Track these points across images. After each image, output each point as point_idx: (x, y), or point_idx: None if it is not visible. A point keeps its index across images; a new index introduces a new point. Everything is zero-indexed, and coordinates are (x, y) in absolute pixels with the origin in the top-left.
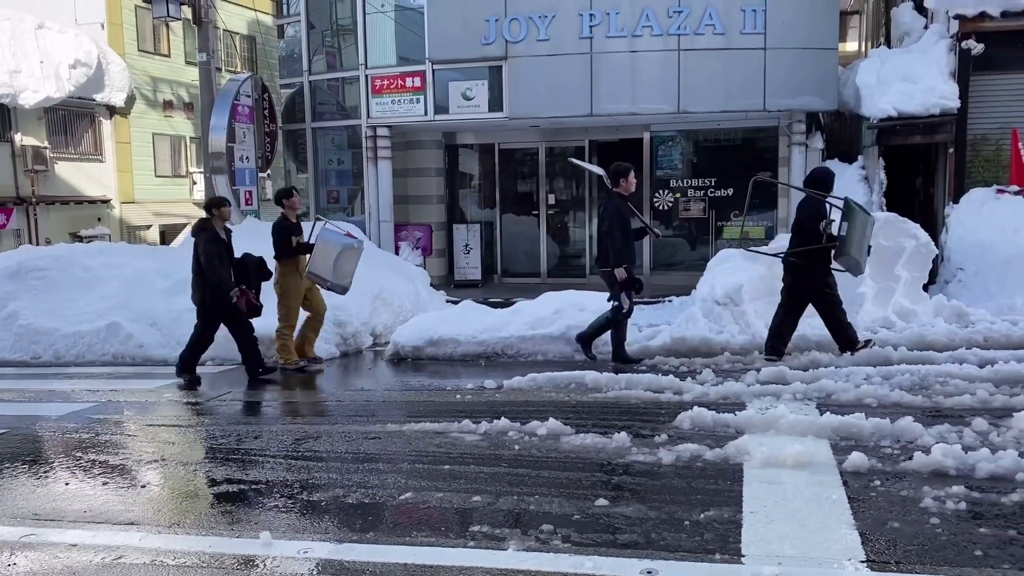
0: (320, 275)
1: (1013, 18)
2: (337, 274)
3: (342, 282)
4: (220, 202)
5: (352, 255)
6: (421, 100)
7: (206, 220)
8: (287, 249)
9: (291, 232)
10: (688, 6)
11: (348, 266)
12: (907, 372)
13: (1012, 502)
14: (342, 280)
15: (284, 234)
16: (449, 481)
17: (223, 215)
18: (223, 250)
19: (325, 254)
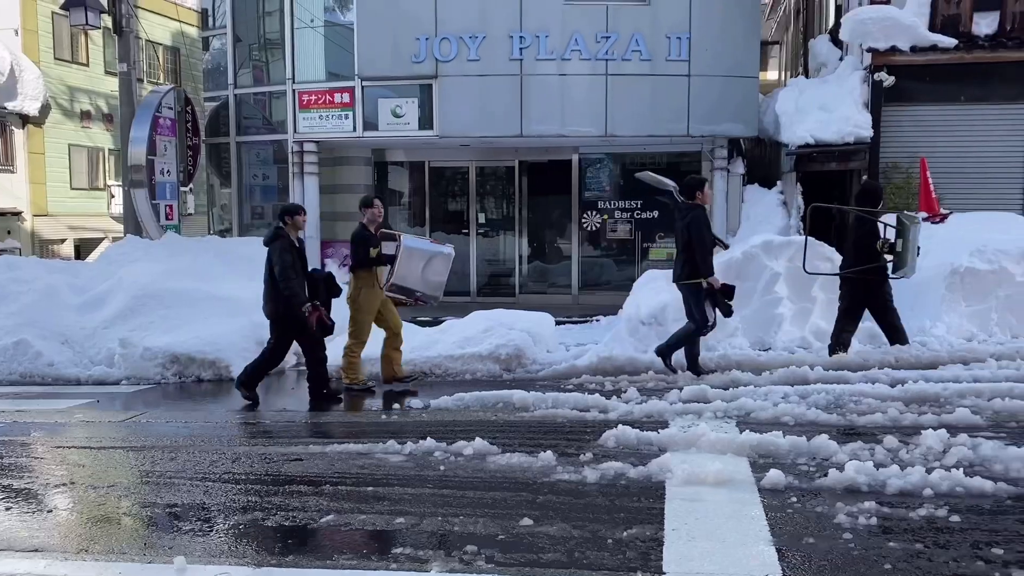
0: (408, 287)
1: (921, 53)
2: (428, 284)
3: (434, 292)
4: (295, 209)
5: (442, 263)
6: (350, 116)
7: (280, 228)
8: (366, 260)
9: (370, 243)
10: (616, 32)
11: (439, 275)
12: (823, 391)
13: (919, 517)
14: (434, 290)
15: (364, 244)
16: (372, 503)
17: (297, 223)
18: (297, 260)
19: (412, 264)
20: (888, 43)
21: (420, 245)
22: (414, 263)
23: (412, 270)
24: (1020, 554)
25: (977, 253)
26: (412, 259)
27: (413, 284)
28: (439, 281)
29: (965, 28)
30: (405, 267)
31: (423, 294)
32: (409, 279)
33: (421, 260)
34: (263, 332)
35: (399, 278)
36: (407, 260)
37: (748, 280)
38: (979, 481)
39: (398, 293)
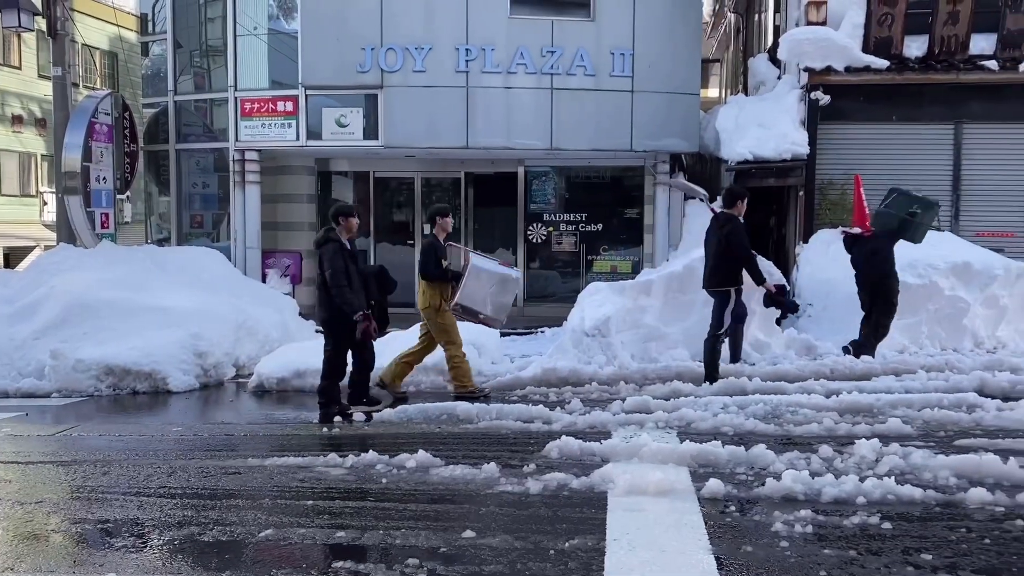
0: (473, 307)
1: (855, 73)
2: (494, 306)
3: (499, 315)
4: (349, 211)
5: (510, 286)
6: (293, 125)
7: (331, 230)
8: (435, 271)
9: (439, 252)
10: (561, 47)
11: (505, 298)
12: (761, 402)
13: (853, 524)
14: (499, 313)
15: (434, 254)
16: (312, 517)
17: (350, 226)
18: (350, 264)
19: (479, 285)
20: (824, 63)
21: (488, 266)
22: (482, 283)
23: (479, 290)
24: (948, 559)
25: (909, 268)
26: (480, 279)
27: (479, 305)
28: (505, 303)
29: (897, 50)
30: (472, 286)
31: (487, 316)
32: (475, 299)
33: (488, 281)
34: (202, 343)
35: (465, 298)
36: (475, 279)
37: (689, 293)
38: (909, 489)
39: (463, 313)
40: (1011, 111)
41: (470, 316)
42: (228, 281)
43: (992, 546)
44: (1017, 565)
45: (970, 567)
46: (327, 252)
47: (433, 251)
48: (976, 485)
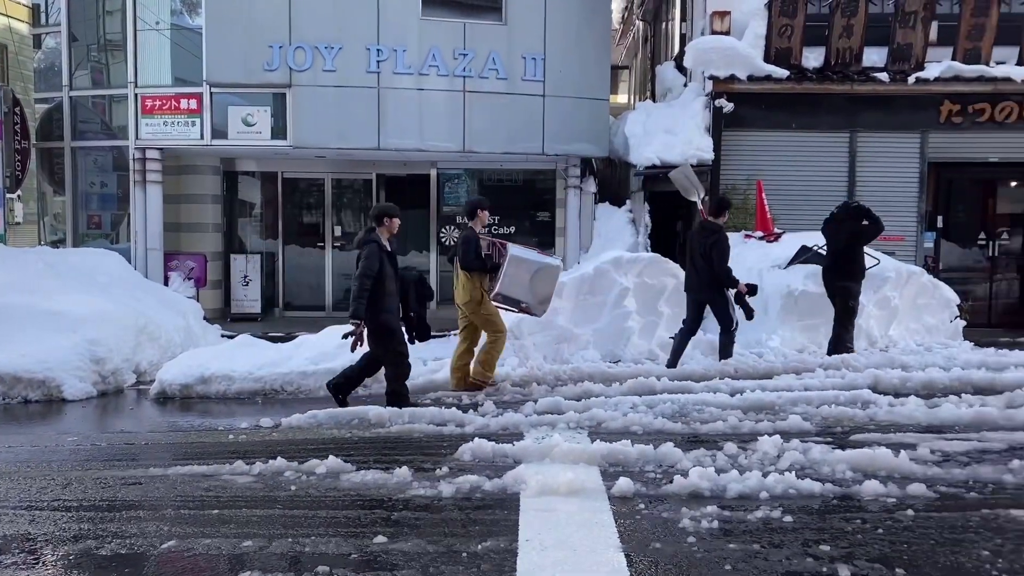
0: (515, 297)
1: (757, 82)
2: (535, 295)
3: (542, 304)
4: (393, 212)
5: (550, 274)
6: (197, 123)
7: (371, 231)
8: (476, 262)
9: (479, 245)
10: (473, 49)
11: (546, 288)
12: (669, 401)
13: (756, 519)
14: (542, 302)
15: (475, 245)
16: (218, 526)
17: (393, 227)
18: (389, 266)
19: (519, 274)
20: (728, 71)
21: (527, 255)
22: (521, 272)
23: (519, 280)
24: (844, 550)
25: (812, 277)
26: (519, 268)
27: (520, 295)
28: (547, 293)
29: (796, 61)
30: (512, 276)
31: (529, 305)
32: (516, 289)
33: (528, 270)
34: (99, 349)
35: (506, 287)
36: (514, 269)
37: (599, 295)
38: (809, 483)
39: (503, 303)
40: (901, 121)
41: (511, 306)
42: (128, 284)
43: (885, 536)
44: (907, 553)
45: (865, 556)
46: (366, 252)
47: (473, 243)
48: (870, 478)
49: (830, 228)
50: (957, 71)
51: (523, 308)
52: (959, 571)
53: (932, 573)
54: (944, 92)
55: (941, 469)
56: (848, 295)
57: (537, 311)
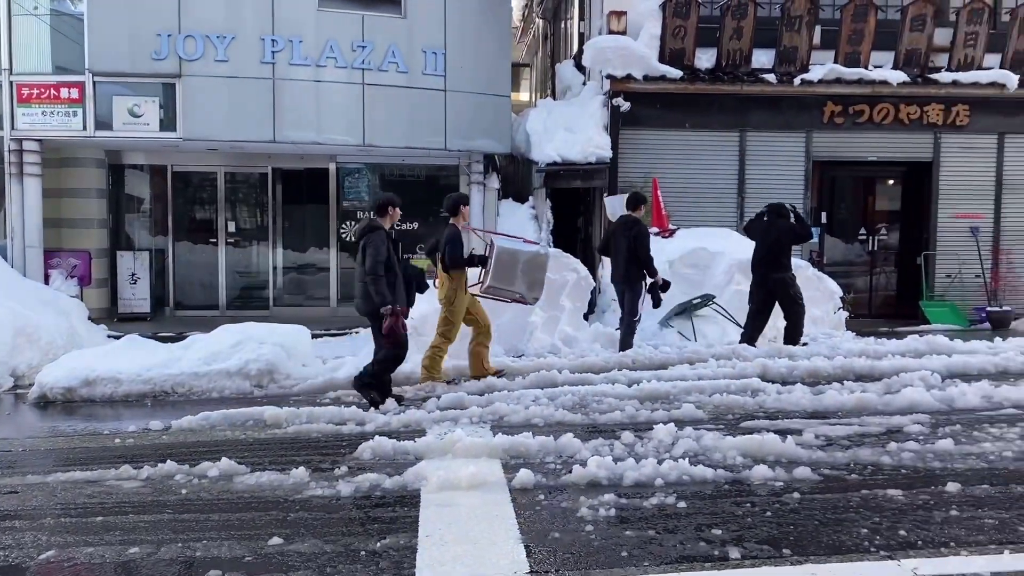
0: (505, 287)
1: (652, 82)
2: (527, 284)
3: (534, 292)
4: (396, 202)
5: (539, 263)
6: (79, 114)
7: (374, 220)
8: (462, 259)
9: (462, 241)
10: (372, 42)
11: (537, 275)
12: (569, 393)
13: (652, 505)
14: (534, 290)
15: (460, 243)
16: (102, 534)
17: (394, 217)
18: (393, 255)
19: (508, 264)
20: (625, 71)
21: (514, 245)
22: (510, 263)
23: (509, 270)
24: (735, 533)
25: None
26: (508, 259)
27: (511, 284)
28: (538, 279)
29: (689, 61)
30: (502, 267)
31: (522, 294)
32: (507, 280)
33: (517, 260)
34: None
35: (496, 279)
36: (502, 260)
37: None
38: (702, 469)
39: (495, 295)
40: (787, 121)
41: (504, 296)
42: (3, 283)
43: (773, 518)
44: (794, 534)
45: (754, 539)
46: (372, 240)
47: (458, 239)
48: (759, 463)
49: (759, 226)
50: (839, 74)
51: (517, 298)
52: (841, 549)
53: (816, 552)
54: (827, 94)
55: (825, 453)
56: (787, 286)
57: (529, 299)
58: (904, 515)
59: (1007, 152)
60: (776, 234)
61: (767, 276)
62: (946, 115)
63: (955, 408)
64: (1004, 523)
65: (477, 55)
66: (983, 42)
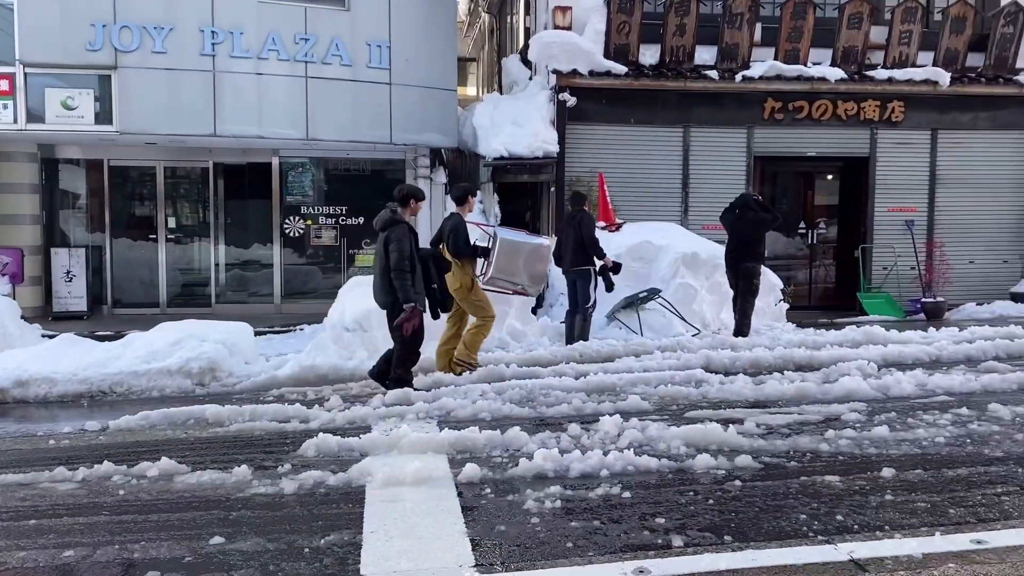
0: (509, 279)
1: (598, 77)
2: (529, 276)
3: (537, 284)
4: (420, 194)
5: (541, 255)
6: (10, 106)
7: (394, 211)
8: (467, 248)
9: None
10: (315, 34)
11: (539, 267)
12: (517, 387)
13: (597, 496)
14: (537, 283)
15: (464, 232)
16: (35, 537)
17: (416, 209)
18: (415, 249)
19: (511, 256)
20: (570, 66)
21: (516, 237)
22: (512, 255)
23: (511, 262)
24: (678, 521)
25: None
26: (510, 251)
27: (514, 276)
28: (540, 272)
29: (634, 57)
30: (504, 259)
31: (524, 286)
32: (509, 271)
33: (519, 252)
34: None
35: (499, 271)
36: (505, 252)
37: None
38: (646, 459)
39: (497, 286)
40: (728, 117)
41: (505, 288)
42: None
43: (715, 506)
44: (735, 521)
45: (697, 526)
46: (395, 233)
47: (463, 229)
48: (702, 452)
49: (730, 218)
50: (779, 70)
51: (518, 290)
52: (781, 534)
53: (757, 538)
54: (767, 90)
55: (765, 441)
56: (753, 275)
57: (531, 291)
58: (841, 500)
59: (940, 147)
60: (747, 225)
61: (739, 263)
62: (882, 111)
63: (890, 396)
64: (936, 506)
65: (422, 48)
66: (917, 40)
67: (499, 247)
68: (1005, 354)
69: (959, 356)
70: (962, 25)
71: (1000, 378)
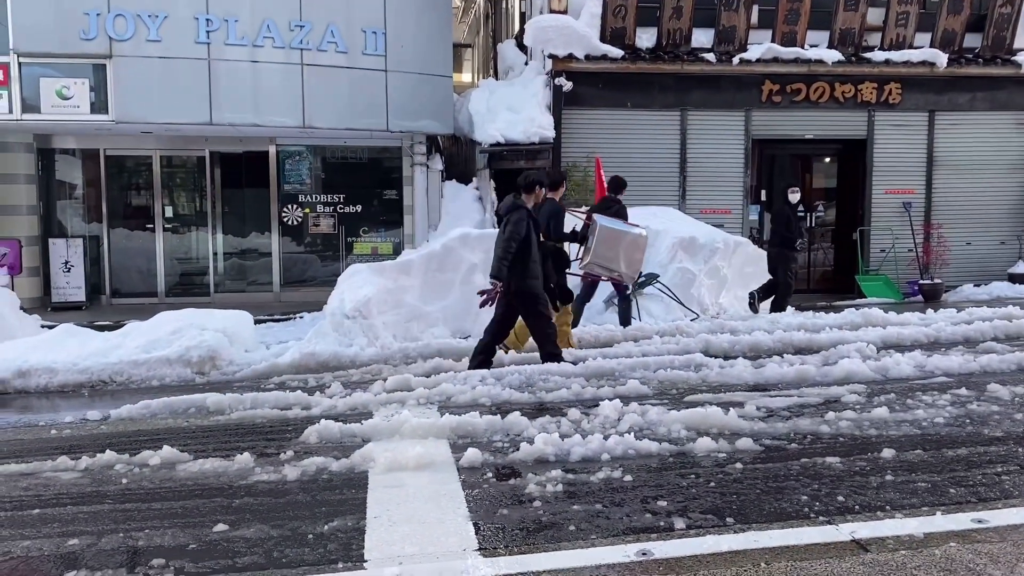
0: (606, 265)
1: (594, 61)
2: (627, 263)
3: (633, 272)
4: (543, 181)
5: (640, 244)
6: (4, 96)
7: (520, 199)
8: (565, 234)
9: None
10: (310, 21)
11: (636, 255)
12: (516, 372)
13: (598, 480)
14: (633, 270)
15: (563, 218)
16: (39, 526)
17: (539, 196)
18: (534, 234)
19: (610, 243)
20: (566, 50)
21: (615, 225)
22: (611, 242)
23: (610, 248)
24: (679, 503)
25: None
26: (609, 238)
27: (612, 263)
28: (637, 260)
29: (630, 41)
30: (603, 246)
31: (621, 273)
32: (608, 257)
33: (618, 240)
34: None
35: (598, 257)
36: (604, 239)
37: (448, 272)
38: (647, 443)
39: (593, 272)
40: (726, 100)
41: (603, 273)
42: None
43: (717, 488)
44: (736, 503)
45: (699, 509)
46: (514, 218)
47: (561, 214)
48: (703, 435)
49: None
50: (776, 53)
51: (613, 277)
52: (782, 516)
53: (759, 519)
54: (765, 73)
55: (766, 424)
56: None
57: (626, 279)
58: (842, 481)
59: (937, 129)
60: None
61: (768, 250)
62: (879, 93)
63: (890, 377)
64: (936, 486)
65: (418, 35)
66: (914, 21)
67: (599, 234)
68: (1003, 335)
69: (957, 337)
70: (959, 5)
71: (999, 358)
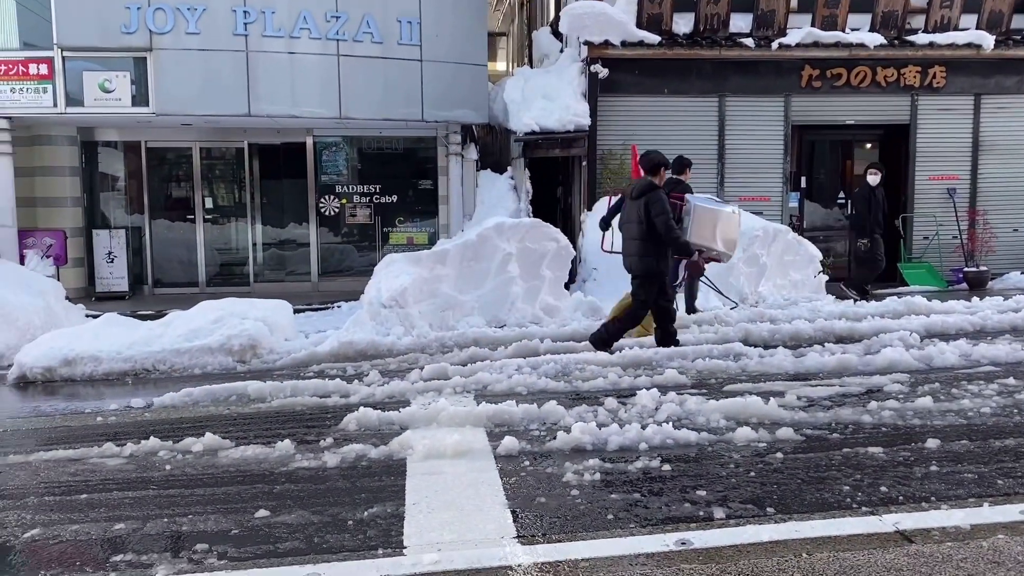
0: (705, 244)
1: (630, 47)
2: (724, 242)
3: (730, 249)
4: (667, 163)
5: (732, 221)
6: (49, 90)
7: (652, 181)
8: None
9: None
10: (346, 12)
11: (731, 233)
12: (552, 361)
13: (636, 469)
14: (730, 248)
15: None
16: (87, 511)
17: (663, 177)
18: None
19: (707, 223)
20: (602, 37)
21: (708, 204)
22: (707, 222)
23: (707, 228)
24: (719, 493)
25: None
26: (705, 218)
27: (709, 242)
28: (733, 238)
29: (667, 26)
30: (700, 226)
31: (719, 252)
32: (705, 236)
33: (713, 219)
34: None
35: (697, 237)
36: (700, 220)
37: (483, 261)
38: (685, 432)
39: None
40: (765, 85)
41: (704, 252)
42: None
43: (756, 478)
44: (777, 493)
45: (738, 499)
46: (654, 199)
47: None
48: (742, 425)
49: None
50: (816, 37)
51: (711, 256)
52: (824, 506)
53: (800, 510)
54: (804, 57)
55: (807, 414)
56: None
57: (724, 257)
58: (885, 472)
59: (983, 113)
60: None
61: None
62: (923, 77)
63: (934, 367)
64: (983, 477)
65: (453, 24)
66: (959, 2)
67: (695, 214)
68: None
69: (1004, 325)
70: None
71: None
